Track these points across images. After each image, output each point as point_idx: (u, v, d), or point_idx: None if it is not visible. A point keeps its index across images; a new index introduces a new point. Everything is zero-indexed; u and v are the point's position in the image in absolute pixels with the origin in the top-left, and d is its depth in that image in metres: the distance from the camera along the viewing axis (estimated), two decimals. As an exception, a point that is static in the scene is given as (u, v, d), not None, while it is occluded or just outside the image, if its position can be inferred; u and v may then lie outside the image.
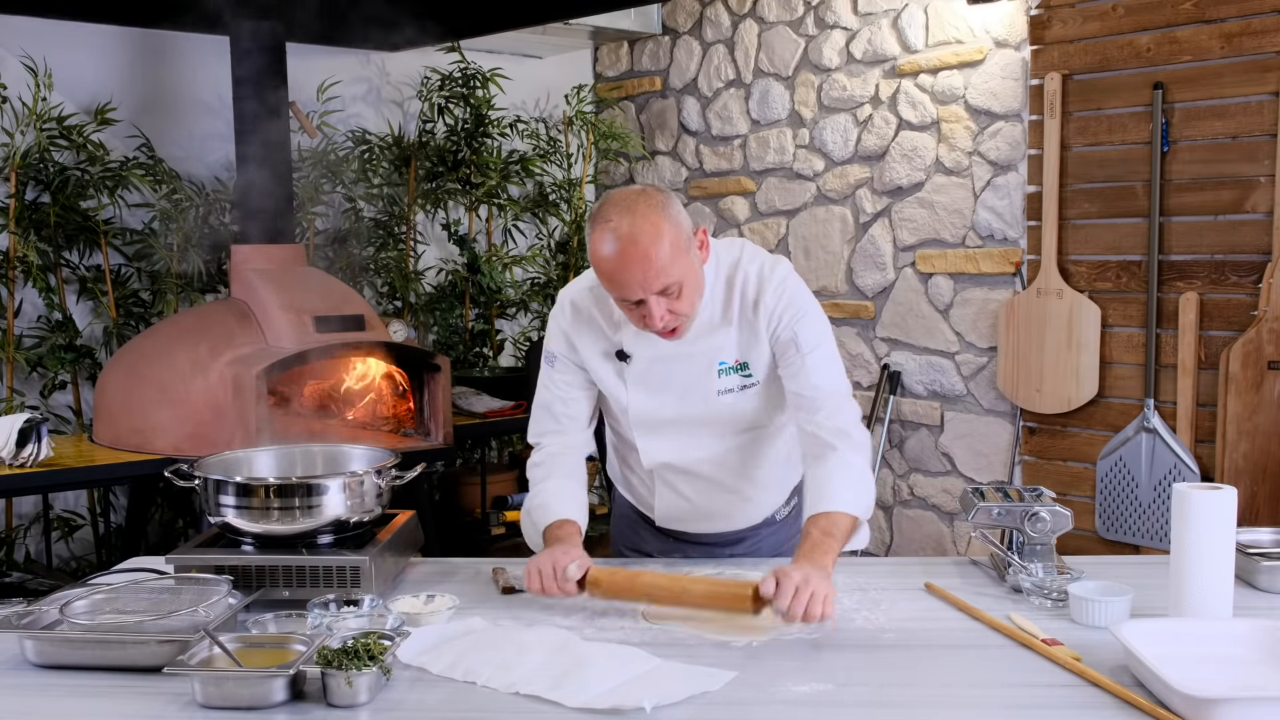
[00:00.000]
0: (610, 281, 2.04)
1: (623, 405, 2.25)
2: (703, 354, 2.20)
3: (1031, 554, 2.15)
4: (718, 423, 2.25)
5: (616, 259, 2.00)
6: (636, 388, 2.23)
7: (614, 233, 2.00)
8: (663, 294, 2.02)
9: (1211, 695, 1.52)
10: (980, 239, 4.29)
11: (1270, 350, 3.52)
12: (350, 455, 2.34)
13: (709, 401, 2.22)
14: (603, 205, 2.05)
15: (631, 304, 2.05)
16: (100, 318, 4.31)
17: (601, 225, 2.02)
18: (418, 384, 4.03)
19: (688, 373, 2.21)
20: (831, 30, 4.70)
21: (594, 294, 2.25)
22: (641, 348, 2.20)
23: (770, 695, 1.65)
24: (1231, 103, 3.60)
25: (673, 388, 2.22)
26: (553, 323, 2.30)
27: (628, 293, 2.03)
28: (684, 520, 2.38)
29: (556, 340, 2.28)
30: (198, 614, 1.82)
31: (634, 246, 1.98)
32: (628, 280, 2.01)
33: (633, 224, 1.99)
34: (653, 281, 2.00)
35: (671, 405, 2.23)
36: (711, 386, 2.21)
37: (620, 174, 5.66)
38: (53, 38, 4.18)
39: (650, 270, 1.99)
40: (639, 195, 2.04)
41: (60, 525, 4.20)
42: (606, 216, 2.02)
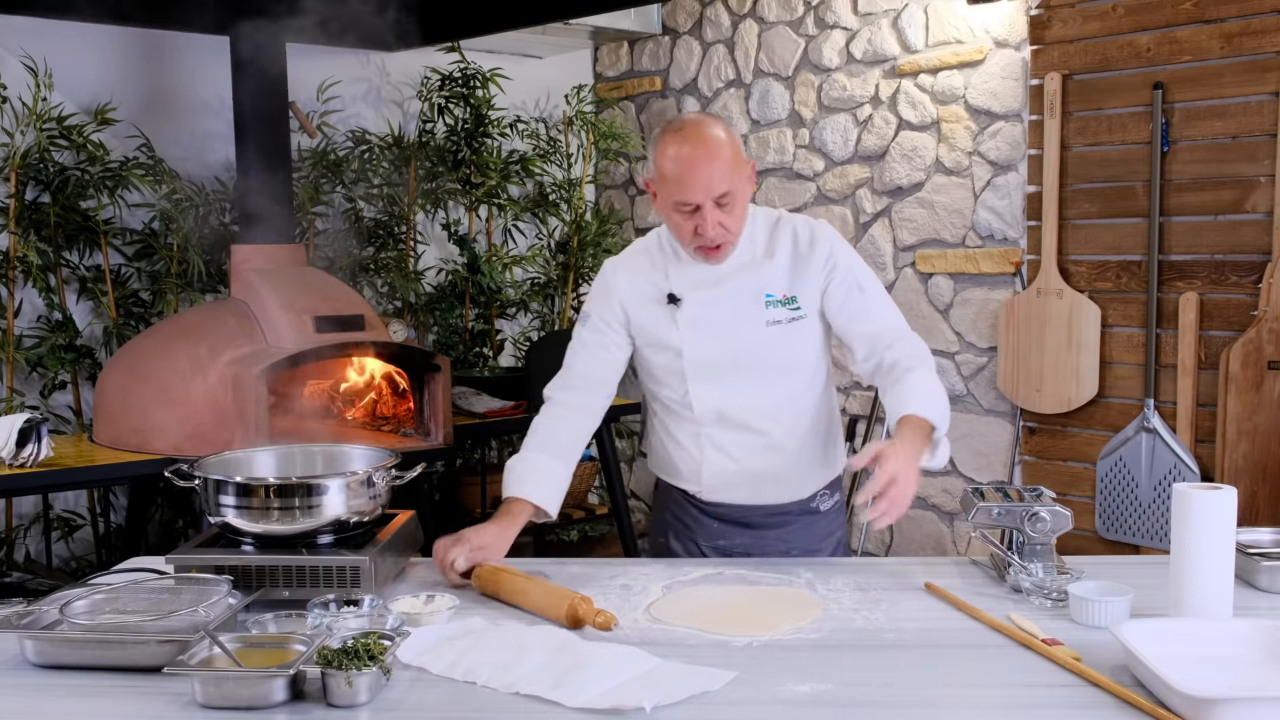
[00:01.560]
0: (676, 182, 2.20)
1: (677, 348, 2.35)
2: (749, 286, 2.34)
3: (1031, 554, 2.15)
4: (767, 361, 2.35)
5: (687, 157, 2.18)
6: (689, 328, 2.34)
7: (684, 134, 2.21)
8: (718, 203, 2.20)
9: (1211, 695, 1.52)
10: (980, 239, 4.29)
11: (1270, 350, 3.52)
12: (350, 455, 2.34)
13: (759, 331, 2.33)
14: (672, 122, 2.26)
15: (688, 212, 2.22)
16: (100, 318, 4.31)
17: (671, 132, 2.23)
18: (418, 384, 4.03)
19: (736, 306, 2.33)
20: (831, 30, 4.70)
21: (641, 251, 2.43)
22: (691, 289, 2.34)
23: (770, 695, 1.65)
24: (1231, 103, 3.60)
25: (723, 323, 2.33)
26: (596, 284, 2.45)
27: (691, 193, 2.19)
28: (732, 488, 2.42)
29: (596, 299, 2.43)
30: (198, 614, 1.82)
31: (703, 147, 2.18)
32: (694, 179, 2.18)
33: (701, 129, 2.21)
34: (716, 183, 2.18)
35: (723, 340, 2.34)
36: (760, 317, 2.33)
37: (620, 174, 5.66)
38: (53, 38, 4.18)
39: (716, 171, 2.18)
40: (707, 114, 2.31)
41: (60, 525, 4.19)
42: (677, 126, 2.23)
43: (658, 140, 2.25)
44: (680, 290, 2.35)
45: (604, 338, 2.40)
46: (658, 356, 2.40)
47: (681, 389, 2.38)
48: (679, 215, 2.24)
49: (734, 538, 2.45)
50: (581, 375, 2.42)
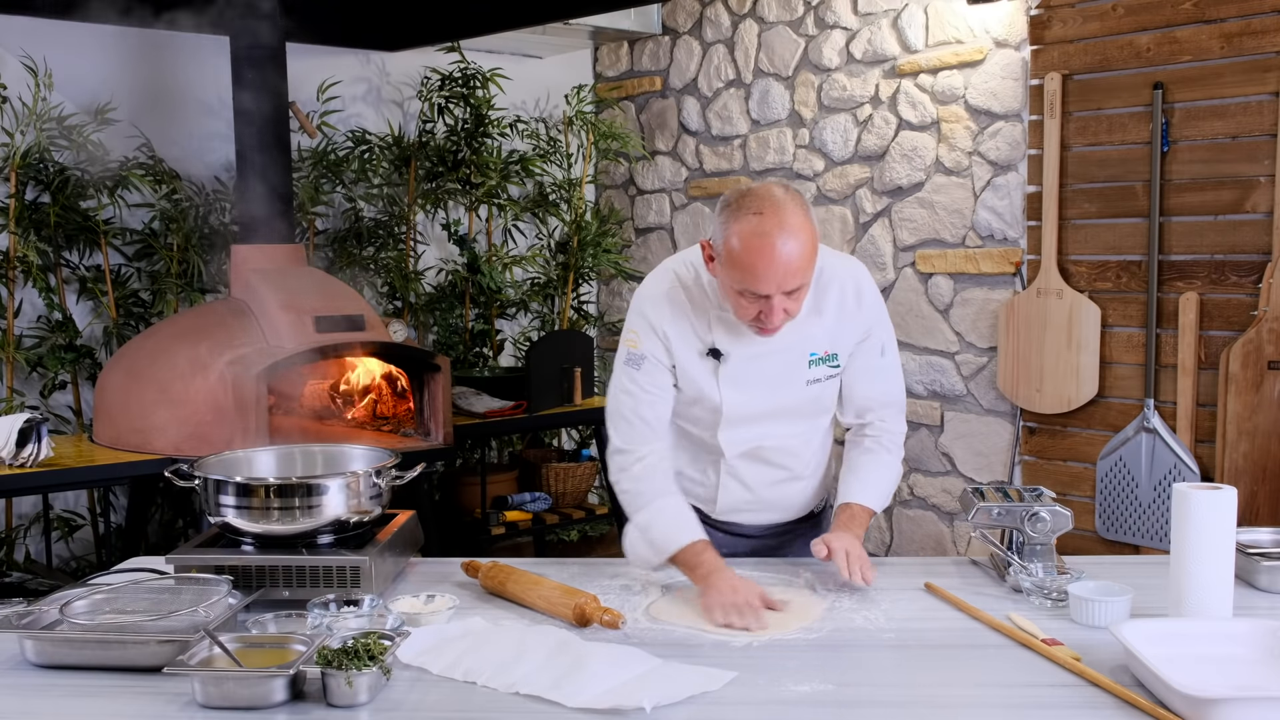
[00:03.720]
0: (747, 273, 2.03)
1: (714, 404, 2.26)
2: (795, 346, 2.24)
3: (1031, 554, 2.15)
4: (798, 410, 2.32)
5: (764, 253, 2.00)
6: (730, 385, 2.25)
7: (765, 226, 2.01)
8: (788, 294, 2.05)
9: (1211, 695, 1.52)
10: (980, 239, 4.29)
11: (1270, 350, 3.52)
12: (350, 455, 2.34)
13: (798, 390, 2.28)
14: (748, 196, 2.06)
15: (754, 297, 2.06)
16: (100, 318, 4.31)
17: (751, 215, 2.02)
18: (418, 384, 4.03)
19: (781, 366, 2.25)
20: (831, 30, 4.70)
21: (680, 288, 2.25)
22: (735, 345, 2.23)
23: (770, 695, 1.65)
24: (1231, 103, 3.60)
25: (765, 382, 2.26)
26: (641, 322, 2.25)
27: (761, 286, 2.03)
28: (741, 511, 2.43)
29: (648, 339, 2.24)
30: (198, 614, 1.82)
31: (784, 245, 2.00)
32: (767, 275, 2.01)
33: (785, 222, 2.01)
34: (789, 280, 2.03)
35: (762, 399, 2.27)
36: (802, 377, 2.27)
37: (620, 174, 5.66)
38: (53, 38, 4.18)
39: (792, 269, 2.02)
40: (788, 193, 2.07)
41: (60, 525, 4.20)
42: (757, 209, 2.03)
43: (732, 215, 2.05)
44: (724, 345, 2.23)
45: (663, 378, 2.26)
46: (693, 406, 2.30)
47: (711, 432, 2.31)
48: (743, 299, 2.08)
49: (736, 549, 2.45)
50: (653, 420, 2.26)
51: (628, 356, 2.26)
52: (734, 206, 2.06)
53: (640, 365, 2.24)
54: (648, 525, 2.19)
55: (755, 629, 1.93)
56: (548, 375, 4.58)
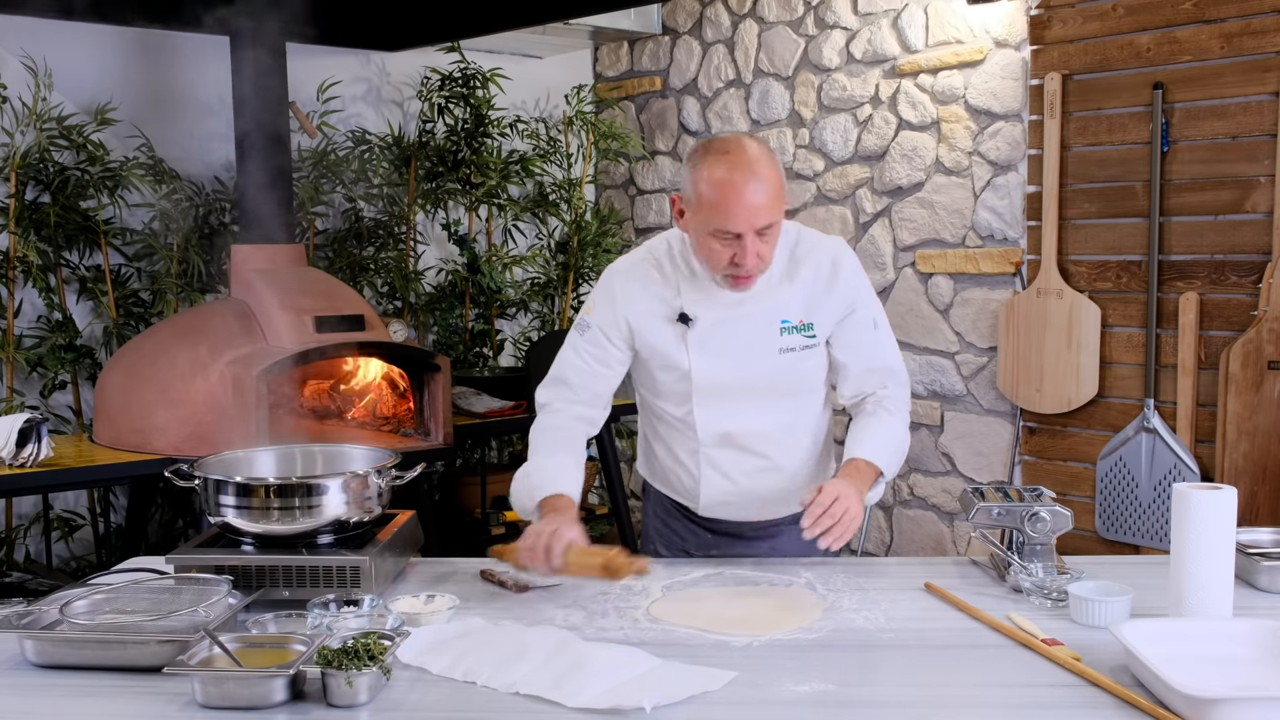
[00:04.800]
0: (719, 210, 2.07)
1: (684, 370, 2.27)
2: (765, 312, 2.25)
3: (1031, 554, 2.15)
4: (775, 386, 2.30)
5: (735, 184, 2.05)
6: (699, 351, 2.26)
7: (731, 158, 2.07)
8: (760, 233, 2.09)
9: (1211, 695, 1.52)
10: (980, 239, 4.29)
11: (1270, 350, 3.52)
12: (350, 455, 2.34)
13: (771, 359, 2.27)
14: (714, 142, 2.12)
15: (727, 239, 2.09)
16: (100, 318, 4.31)
17: (718, 155, 2.08)
18: (418, 384, 4.03)
19: (750, 331, 2.25)
20: (831, 30, 4.70)
21: (650, 262, 2.30)
22: (704, 309, 2.24)
23: (770, 695, 1.65)
24: (1231, 103, 3.60)
25: (735, 348, 2.26)
26: (597, 293, 2.32)
27: (735, 223, 2.07)
28: (728, 507, 2.40)
29: (598, 309, 2.30)
30: (198, 614, 1.82)
31: (754, 177, 2.06)
32: (740, 209, 2.05)
33: (751, 155, 2.08)
34: (761, 215, 2.07)
35: (733, 367, 2.26)
36: (773, 344, 2.26)
37: (620, 174, 5.66)
38: (53, 38, 4.18)
39: (763, 202, 2.06)
40: (750, 137, 2.14)
41: (60, 525, 4.19)
42: (723, 148, 2.09)
43: (699, 160, 2.12)
44: (692, 310, 2.25)
45: (603, 352, 2.30)
46: (662, 374, 2.31)
47: (685, 408, 2.32)
48: (716, 242, 2.12)
49: (726, 548, 2.44)
50: (579, 386, 2.33)
51: (579, 321, 2.33)
52: (700, 152, 2.13)
53: (585, 332, 2.31)
54: (532, 472, 2.26)
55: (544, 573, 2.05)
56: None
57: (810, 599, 2.09)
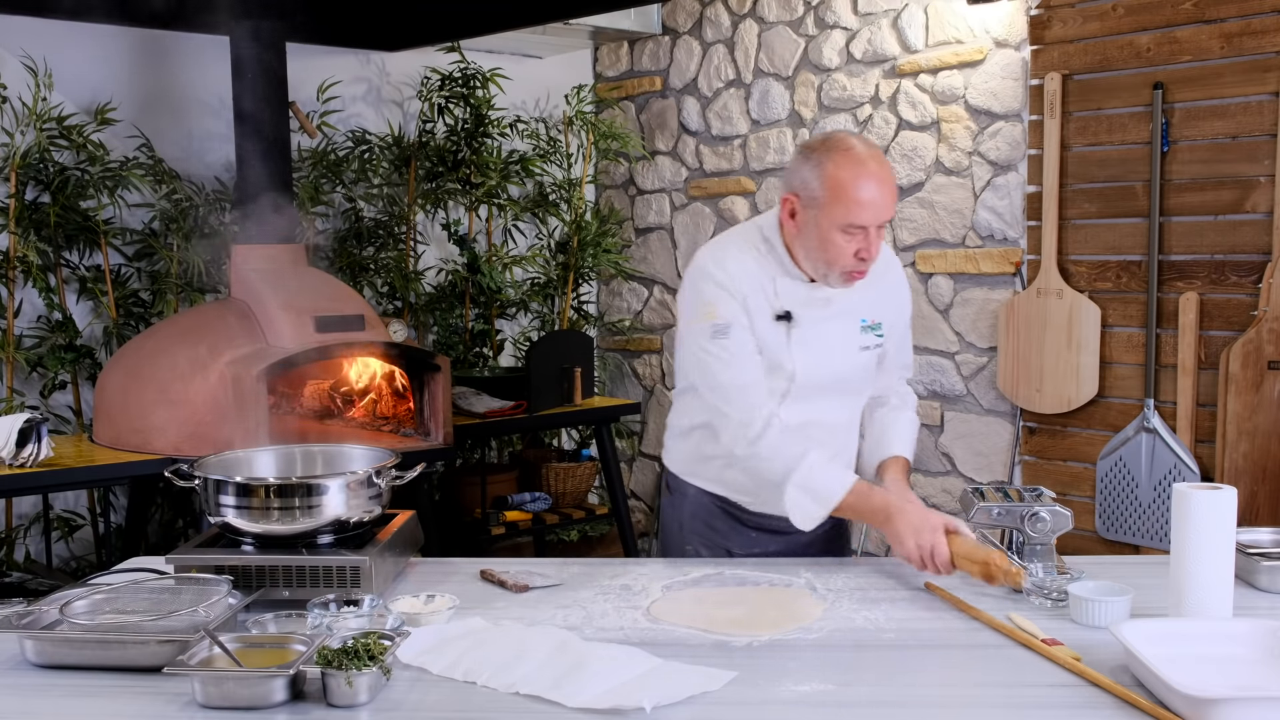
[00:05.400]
0: (852, 204, 2.13)
1: (788, 370, 2.28)
2: (848, 311, 2.33)
3: (1031, 554, 2.15)
4: (851, 383, 2.38)
5: (868, 180, 2.13)
6: (802, 349, 2.29)
7: (862, 157, 2.14)
8: (879, 228, 2.17)
9: (1211, 695, 1.52)
10: (980, 239, 4.29)
11: (1270, 350, 3.52)
12: (350, 455, 2.34)
13: (853, 357, 2.34)
14: (831, 139, 2.18)
15: (854, 233, 2.15)
16: (100, 318, 4.31)
17: (843, 152, 2.15)
18: (418, 384, 4.03)
19: (839, 330, 2.32)
20: (831, 30, 4.70)
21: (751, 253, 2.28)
22: (801, 308, 2.28)
23: (770, 695, 1.65)
24: (1231, 103, 3.60)
25: (830, 346, 2.31)
26: (717, 290, 2.24)
27: (865, 216, 2.14)
28: None
29: (728, 306, 2.23)
30: (198, 614, 1.82)
31: (882, 170, 2.15)
32: (870, 201, 2.13)
33: (875, 153, 2.17)
34: (886, 210, 2.16)
35: (829, 365, 2.32)
36: (855, 342, 2.35)
37: (620, 174, 5.66)
38: (53, 38, 4.18)
39: (889, 196, 2.15)
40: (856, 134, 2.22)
41: (60, 525, 4.20)
42: (846, 146, 2.16)
43: (822, 159, 2.15)
44: (792, 307, 2.27)
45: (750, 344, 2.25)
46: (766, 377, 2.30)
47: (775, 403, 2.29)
48: (842, 236, 2.16)
49: (769, 545, 2.44)
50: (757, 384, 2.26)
51: (713, 330, 2.23)
52: (823, 149, 2.17)
53: (728, 333, 2.23)
54: (807, 481, 2.20)
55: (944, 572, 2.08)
56: (548, 375, 4.58)
57: (810, 599, 2.09)
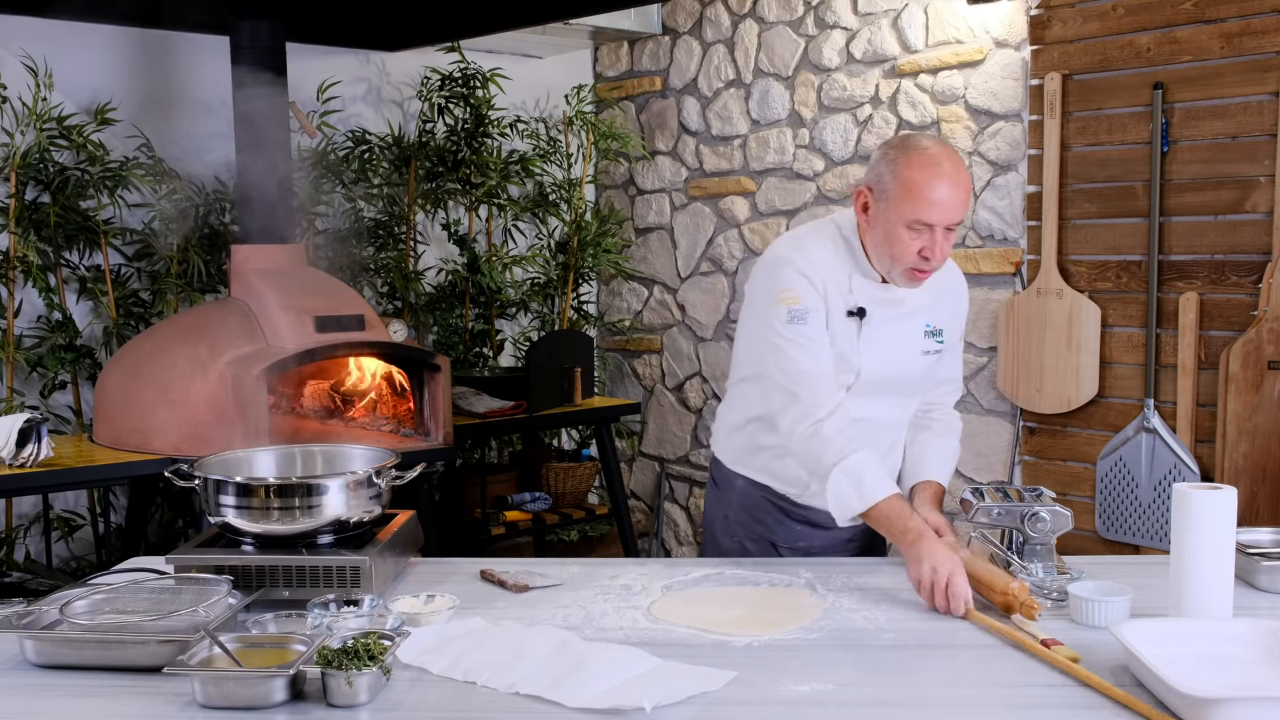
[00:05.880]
0: (921, 200, 2.16)
1: (855, 365, 2.32)
2: (917, 314, 2.38)
3: (1031, 554, 2.15)
4: (911, 385, 2.40)
5: (938, 178, 2.16)
6: (870, 346, 2.33)
7: (933, 155, 2.19)
8: (947, 229, 2.20)
9: (1211, 695, 1.52)
10: (980, 239, 4.29)
11: (1270, 350, 3.52)
12: (350, 455, 2.34)
13: (916, 360, 2.40)
14: (911, 137, 2.24)
15: (919, 231, 2.18)
16: (100, 318, 4.31)
17: (919, 150, 2.20)
18: (418, 384, 4.03)
19: (907, 331, 2.37)
20: (831, 30, 4.70)
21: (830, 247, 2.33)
22: (873, 305, 2.32)
23: (770, 695, 1.65)
24: (1231, 103, 3.60)
25: (896, 346, 2.35)
26: (798, 277, 2.28)
27: (934, 215, 2.17)
28: None
29: (808, 294, 2.27)
30: (198, 614, 1.82)
31: (956, 173, 2.18)
32: (940, 201, 2.16)
33: (953, 155, 2.21)
34: (956, 210, 2.19)
35: (894, 363, 2.36)
36: (919, 345, 2.39)
37: (620, 174, 5.66)
38: (53, 38, 4.18)
39: (959, 198, 2.19)
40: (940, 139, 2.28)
41: (60, 525, 4.19)
42: (922, 145, 2.21)
43: (898, 155, 2.21)
44: (865, 304, 2.32)
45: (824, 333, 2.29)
46: None
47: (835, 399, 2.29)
48: (908, 233, 2.20)
49: (813, 539, 2.46)
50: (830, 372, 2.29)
51: (790, 315, 2.27)
52: (900, 147, 2.23)
53: (807, 319, 2.27)
54: (857, 471, 2.19)
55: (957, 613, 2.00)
56: (548, 375, 4.58)
57: (810, 599, 2.09)
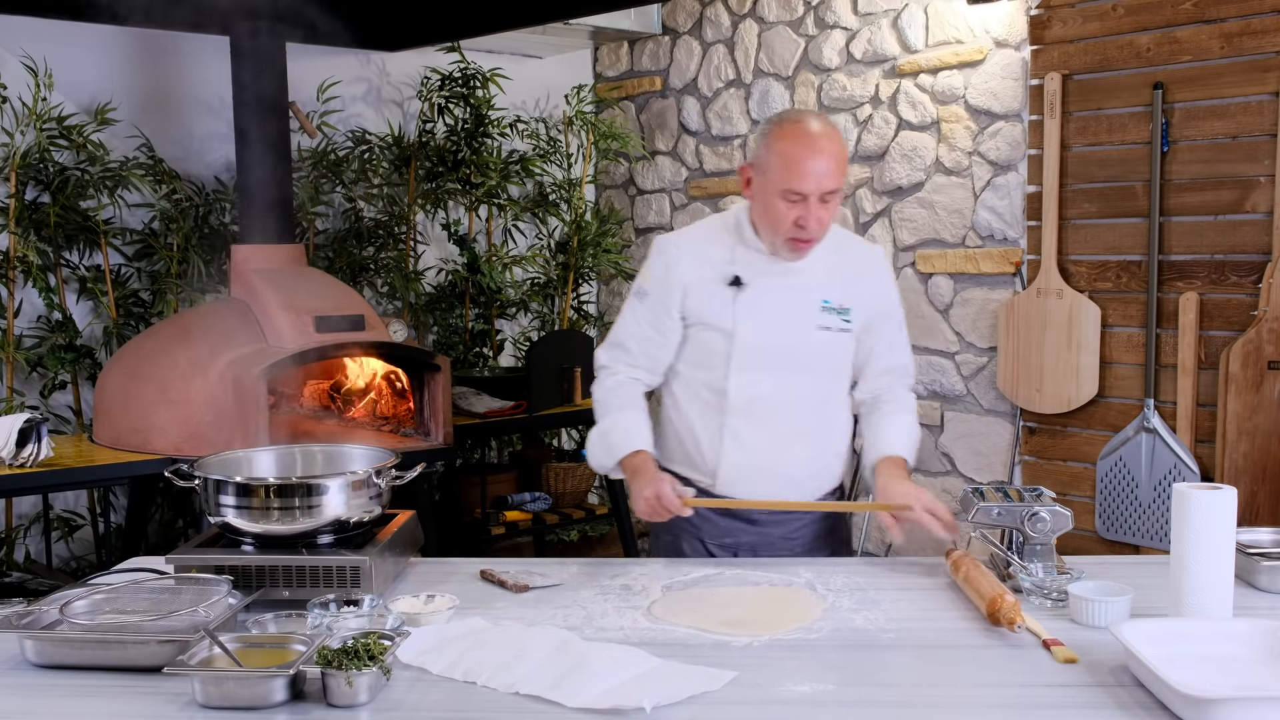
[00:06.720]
0: (791, 170, 2.25)
1: (729, 330, 2.39)
2: (810, 288, 2.42)
3: (1031, 554, 2.15)
4: (808, 362, 2.42)
5: (809, 149, 2.25)
6: (745, 312, 2.39)
7: (804, 126, 2.28)
8: (823, 200, 2.27)
9: (1211, 695, 1.52)
10: (980, 239, 4.29)
11: (1270, 350, 3.52)
12: (350, 455, 2.34)
13: (809, 333, 2.42)
14: (788, 113, 2.35)
15: (794, 201, 2.27)
16: (100, 318, 4.31)
17: (791, 122, 2.30)
18: (418, 384, 4.03)
19: (795, 301, 2.41)
20: (831, 30, 4.70)
21: (706, 230, 2.49)
22: (755, 275, 2.40)
23: (770, 695, 1.65)
24: (1231, 103, 3.60)
25: (779, 315, 2.40)
26: (652, 260, 2.47)
27: (805, 184, 2.25)
28: (746, 482, 2.43)
29: (655, 278, 2.45)
30: (198, 614, 1.82)
31: (827, 142, 2.27)
32: (811, 170, 2.25)
33: (824, 125, 2.30)
34: (828, 179, 2.26)
35: (775, 332, 2.39)
36: (813, 320, 2.42)
37: (620, 174, 5.66)
38: (53, 38, 4.18)
39: (832, 167, 2.26)
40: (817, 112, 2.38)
41: (60, 525, 4.20)
42: (796, 119, 2.31)
43: (772, 128, 2.31)
44: (745, 274, 2.39)
45: (661, 321, 2.44)
46: (704, 335, 2.42)
47: (721, 373, 2.41)
48: (783, 203, 2.28)
49: (740, 535, 2.46)
50: (637, 352, 2.48)
51: (637, 289, 2.48)
52: (775, 121, 2.33)
53: (643, 299, 2.46)
54: (608, 430, 2.43)
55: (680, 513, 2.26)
56: (548, 375, 4.58)
57: (810, 599, 2.09)
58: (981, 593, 1.97)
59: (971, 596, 2.02)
